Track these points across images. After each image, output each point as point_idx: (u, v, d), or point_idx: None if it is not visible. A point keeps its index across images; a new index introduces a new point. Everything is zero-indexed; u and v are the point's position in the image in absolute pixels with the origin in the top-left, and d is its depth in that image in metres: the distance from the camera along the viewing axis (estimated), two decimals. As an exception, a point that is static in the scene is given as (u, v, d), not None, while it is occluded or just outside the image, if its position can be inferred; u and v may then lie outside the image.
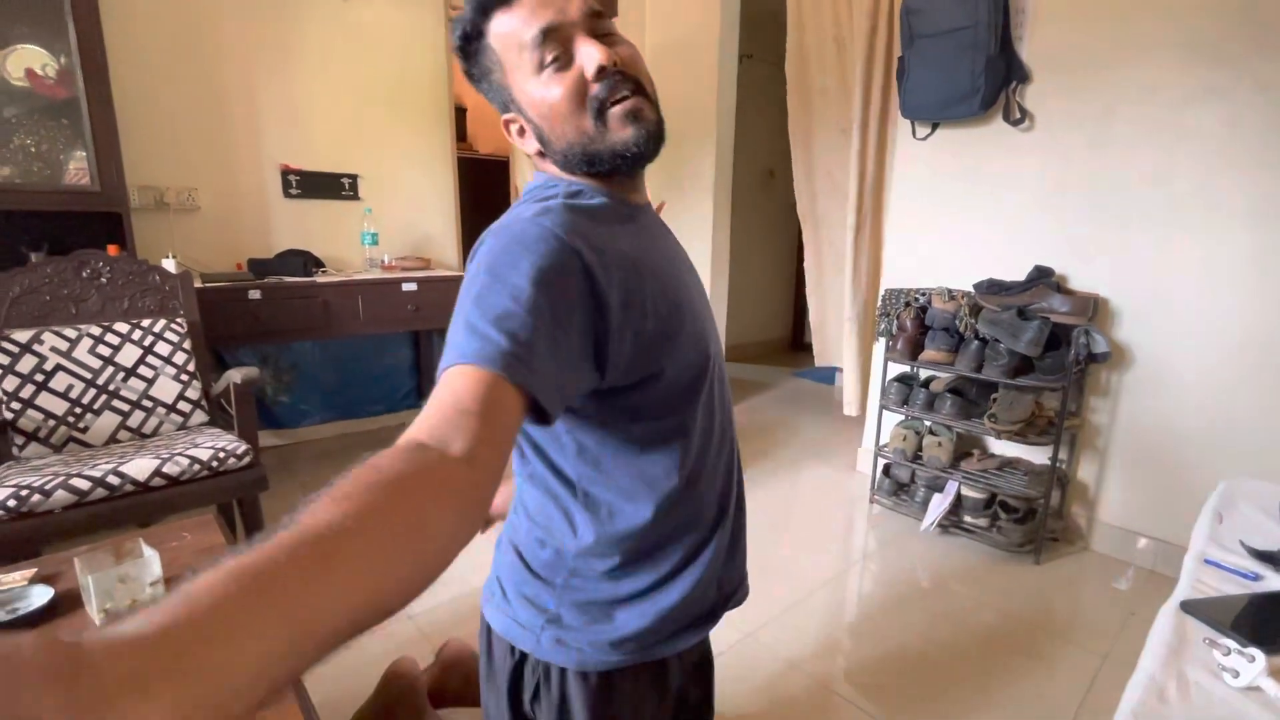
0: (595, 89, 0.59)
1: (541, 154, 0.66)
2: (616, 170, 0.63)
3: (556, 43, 0.59)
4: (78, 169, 2.13)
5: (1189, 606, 0.91)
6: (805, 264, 3.14)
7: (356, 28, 2.94)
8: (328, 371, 3.13)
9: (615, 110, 0.60)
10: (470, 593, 1.79)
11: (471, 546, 0.49)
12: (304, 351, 3.03)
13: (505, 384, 0.46)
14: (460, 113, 4.19)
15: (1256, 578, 0.99)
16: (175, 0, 2.50)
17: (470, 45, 0.63)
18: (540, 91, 0.60)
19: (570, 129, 0.61)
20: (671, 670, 0.75)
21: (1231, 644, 0.80)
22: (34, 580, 1.01)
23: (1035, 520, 2.09)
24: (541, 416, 0.50)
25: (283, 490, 2.51)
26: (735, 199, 3.61)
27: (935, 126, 2.37)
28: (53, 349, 1.76)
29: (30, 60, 2.02)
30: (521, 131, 0.66)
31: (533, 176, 0.70)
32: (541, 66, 0.59)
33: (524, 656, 0.71)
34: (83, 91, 2.06)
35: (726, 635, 1.71)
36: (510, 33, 0.60)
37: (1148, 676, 0.79)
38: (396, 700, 1.07)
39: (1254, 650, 0.77)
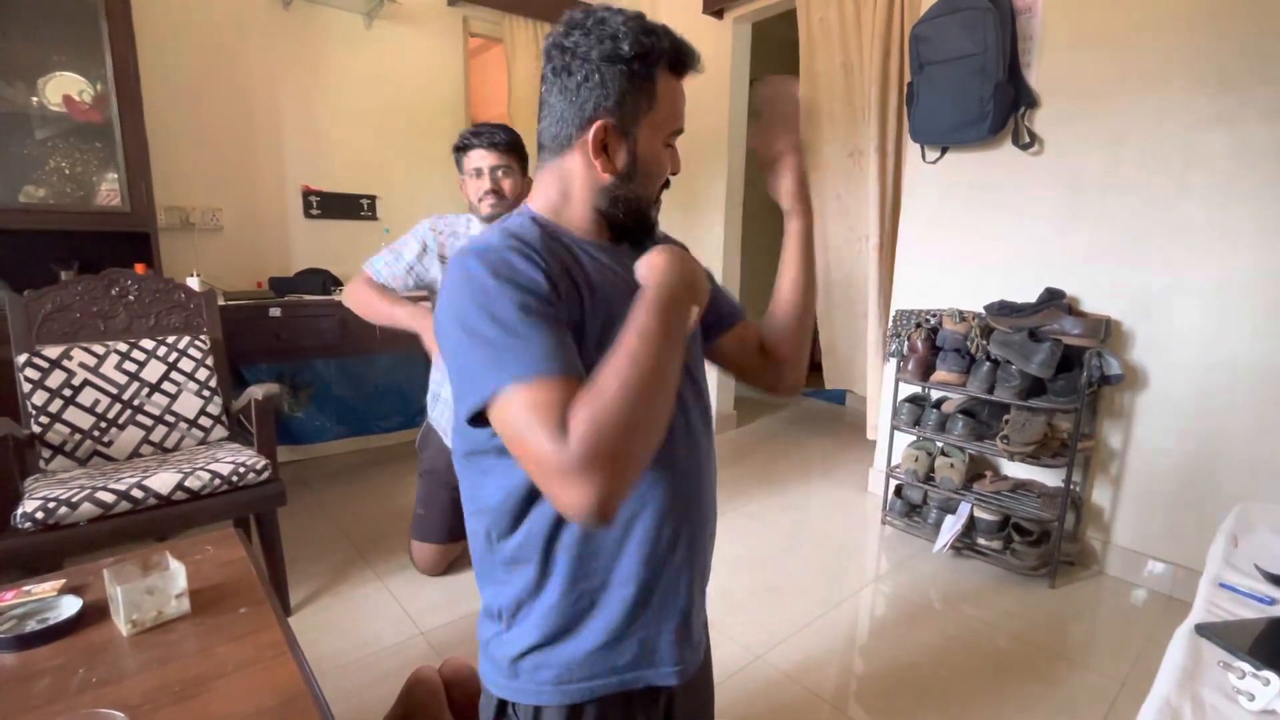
0: (668, 179, 0.79)
1: (604, 176, 0.75)
2: (632, 220, 0.77)
3: (678, 136, 0.78)
4: (109, 190, 2.20)
5: (1204, 630, 0.91)
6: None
7: (378, 53, 3.03)
8: (343, 388, 3.16)
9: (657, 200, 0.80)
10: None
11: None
12: (320, 368, 3.08)
13: None
14: (476, 135, 4.27)
15: (1272, 601, 0.98)
16: (205, 28, 2.60)
17: (633, 65, 0.69)
18: (659, 154, 0.76)
19: (653, 184, 0.77)
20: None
21: (1247, 667, 0.80)
22: (63, 591, 1.04)
23: (1049, 543, 2.08)
24: None
25: (299, 505, 2.54)
26: (746, 220, 3.66)
27: (945, 150, 2.40)
28: (81, 364, 1.81)
29: (68, 87, 2.10)
30: (605, 148, 0.72)
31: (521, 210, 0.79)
32: (667, 143, 0.76)
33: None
34: (116, 116, 2.13)
35: (737, 657, 1.71)
36: (673, 99, 0.74)
37: (1162, 699, 0.79)
38: (418, 706, 1.09)
39: (1269, 673, 0.77)
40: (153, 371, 1.90)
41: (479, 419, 0.62)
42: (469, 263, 0.65)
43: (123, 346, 1.89)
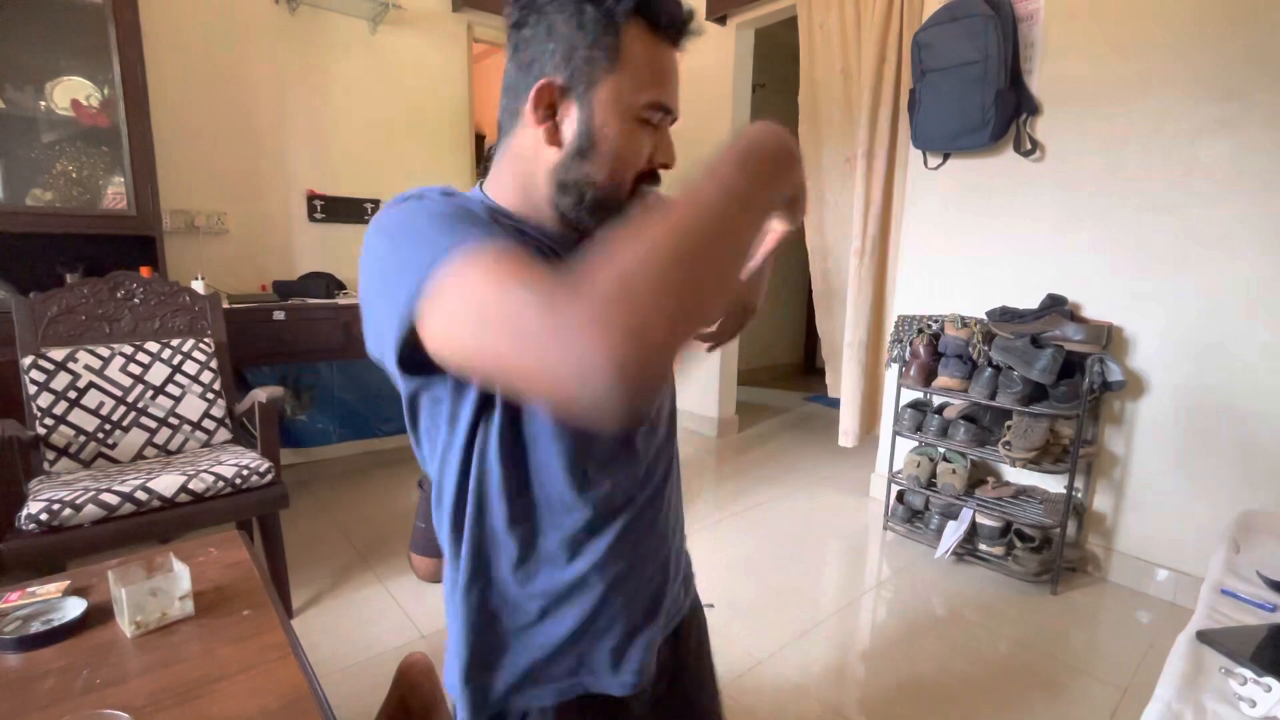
0: (646, 174, 0.60)
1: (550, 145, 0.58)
2: (593, 219, 0.60)
3: (661, 114, 0.59)
4: (115, 194, 2.22)
5: (1205, 636, 0.91)
6: (814, 294, 3.17)
7: (383, 59, 3.05)
8: (345, 391, 3.18)
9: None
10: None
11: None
12: (323, 371, 3.09)
13: None
14: (479, 139, 4.29)
15: (1273, 608, 0.98)
16: (211, 33, 2.62)
17: (584, 7, 0.54)
18: (625, 128, 0.57)
19: (618, 170, 0.58)
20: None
21: (1248, 673, 0.80)
22: (67, 592, 1.04)
23: (1051, 549, 2.08)
24: None
25: (301, 508, 2.55)
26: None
27: (946, 157, 2.41)
28: (86, 367, 1.82)
29: (76, 91, 2.12)
30: (552, 112, 0.57)
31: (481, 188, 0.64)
32: (640, 117, 0.57)
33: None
34: (123, 120, 2.15)
35: (738, 662, 1.71)
36: (651, 62, 0.57)
37: (1164, 705, 0.79)
38: (409, 690, 1.08)
39: (1270, 680, 0.77)
40: (157, 374, 1.91)
41: (411, 359, 0.50)
42: (378, 218, 0.55)
43: (127, 349, 1.90)
